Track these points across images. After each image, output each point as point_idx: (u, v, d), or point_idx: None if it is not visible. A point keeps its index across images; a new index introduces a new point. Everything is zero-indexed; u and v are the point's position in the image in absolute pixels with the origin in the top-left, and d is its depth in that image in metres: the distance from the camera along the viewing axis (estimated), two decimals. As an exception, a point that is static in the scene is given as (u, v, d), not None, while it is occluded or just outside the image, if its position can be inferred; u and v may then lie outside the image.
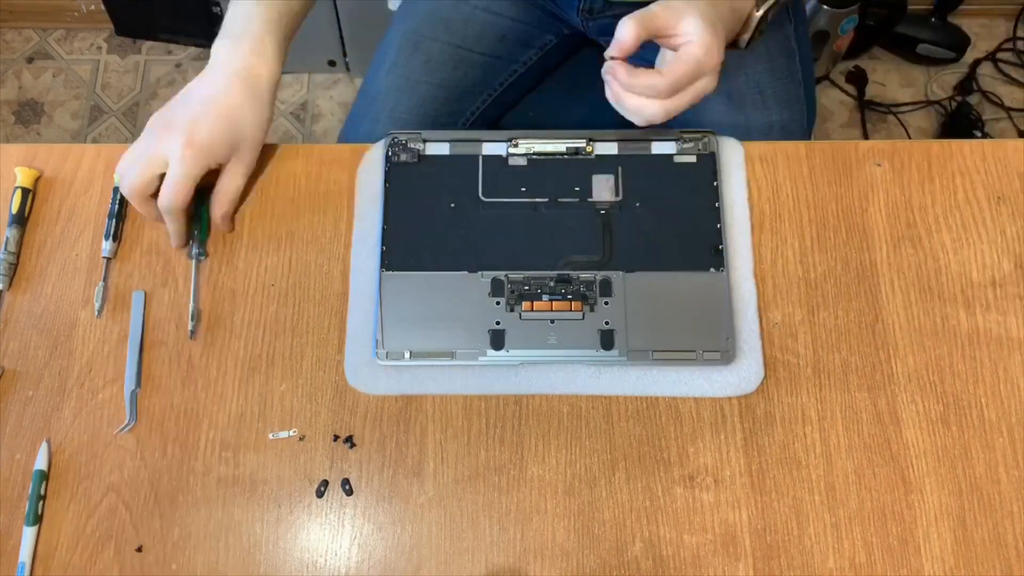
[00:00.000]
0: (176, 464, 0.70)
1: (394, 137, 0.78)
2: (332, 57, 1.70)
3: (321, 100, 1.72)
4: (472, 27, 1.01)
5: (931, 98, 1.84)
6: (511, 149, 0.78)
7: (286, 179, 0.79)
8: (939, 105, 1.84)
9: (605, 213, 0.76)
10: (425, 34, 1.00)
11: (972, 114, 1.79)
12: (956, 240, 0.76)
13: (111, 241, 0.76)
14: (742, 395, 0.71)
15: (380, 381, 0.72)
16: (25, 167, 0.79)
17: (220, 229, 0.77)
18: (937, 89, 1.85)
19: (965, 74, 1.86)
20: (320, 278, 0.76)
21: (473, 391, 0.72)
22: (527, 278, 0.74)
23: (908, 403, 0.71)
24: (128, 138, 1.69)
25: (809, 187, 0.78)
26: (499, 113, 1.07)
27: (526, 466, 0.70)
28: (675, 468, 0.70)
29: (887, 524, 0.68)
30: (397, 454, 0.70)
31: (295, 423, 0.71)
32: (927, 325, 0.73)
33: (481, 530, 0.68)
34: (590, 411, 0.72)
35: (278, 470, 0.70)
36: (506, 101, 1.07)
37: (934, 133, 1.81)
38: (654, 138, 0.78)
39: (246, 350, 0.74)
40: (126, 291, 0.75)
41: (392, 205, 0.76)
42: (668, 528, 0.68)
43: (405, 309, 0.73)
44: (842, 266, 0.75)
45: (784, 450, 0.70)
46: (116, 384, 0.72)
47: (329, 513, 0.69)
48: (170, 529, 0.69)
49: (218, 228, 0.77)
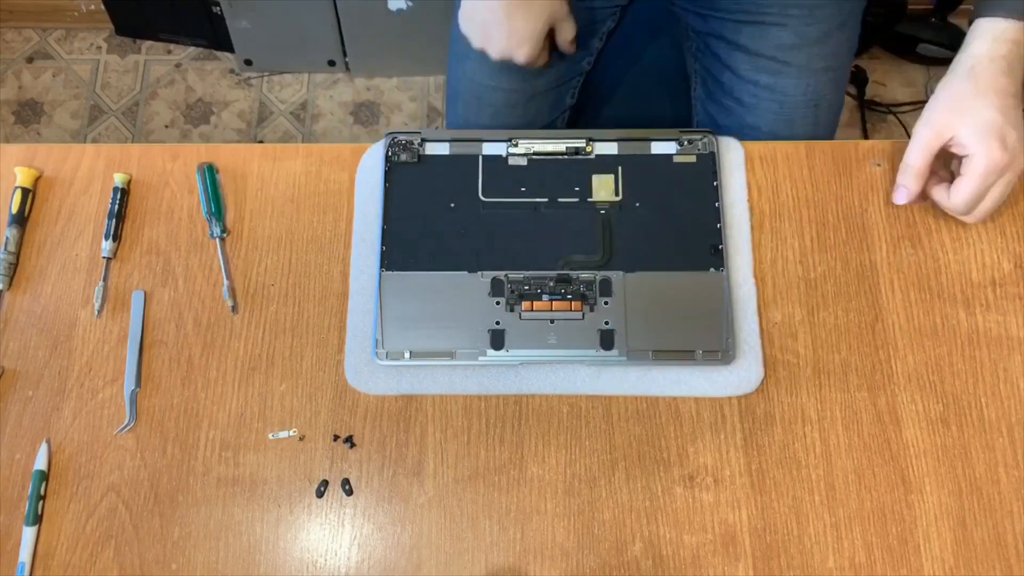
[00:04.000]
0: (176, 464, 0.70)
1: (394, 137, 0.78)
2: (332, 57, 1.70)
3: (321, 100, 1.72)
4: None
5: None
6: (511, 149, 0.78)
7: (286, 179, 0.79)
8: (939, 105, 1.84)
9: (605, 213, 0.76)
10: (485, 85, 0.94)
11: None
12: (956, 240, 0.76)
13: (111, 241, 0.76)
14: (742, 395, 0.71)
15: (380, 381, 0.72)
16: (25, 167, 0.79)
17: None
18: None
19: (965, 74, 1.85)
20: (320, 278, 0.76)
21: (473, 391, 0.72)
22: (527, 278, 0.74)
23: (908, 403, 0.71)
24: (128, 138, 1.69)
25: (809, 187, 0.78)
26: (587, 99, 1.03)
27: (526, 466, 0.70)
28: (675, 468, 0.70)
29: (887, 524, 0.68)
30: (397, 454, 0.70)
31: (295, 423, 0.71)
32: (927, 325, 0.73)
33: (481, 530, 0.68)
34: (590, 411, 0.72)
35: (278, 470, 0.70)
36: (595, 83, 1.02)
37: (934, 133, 1.81)
38: (654, 138, 0.78)
39: (246, 350, 0.74)
40: (126, 291, 0.75)
41: (392, 205, 0.76)
42: (668, 528, 0.68)
43: (405, 309, 0.73)
44: (842, 266, 0.75)
45: (784, 450, 0.70)
46: (116, 384, 0.72)
47: (329, 513, 0.69)
48: (170, 529, 0.69)
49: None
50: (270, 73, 1.74)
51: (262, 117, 1.71)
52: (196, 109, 1.72)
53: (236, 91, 1.73)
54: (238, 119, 1.71)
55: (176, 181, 0.79)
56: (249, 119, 1.71)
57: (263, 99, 1.72)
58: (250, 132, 1.70)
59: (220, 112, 1.71)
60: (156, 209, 0.78)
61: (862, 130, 1.80)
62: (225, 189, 0.79)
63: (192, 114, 1.72)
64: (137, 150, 0.81)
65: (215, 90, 1.73)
